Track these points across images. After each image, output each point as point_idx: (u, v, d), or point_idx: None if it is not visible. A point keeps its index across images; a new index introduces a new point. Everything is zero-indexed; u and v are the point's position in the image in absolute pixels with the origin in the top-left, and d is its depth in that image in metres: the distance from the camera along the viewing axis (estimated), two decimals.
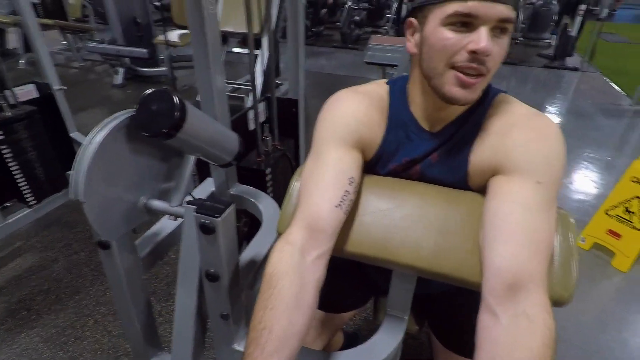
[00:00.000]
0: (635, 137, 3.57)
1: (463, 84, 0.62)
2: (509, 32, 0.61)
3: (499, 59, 0.61)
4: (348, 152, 0.73)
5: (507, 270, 0.58)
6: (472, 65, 0.60)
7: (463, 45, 0.59)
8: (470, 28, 0.59)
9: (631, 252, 1.91)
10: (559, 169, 0.64)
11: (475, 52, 0.58)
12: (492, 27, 0.58)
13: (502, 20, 0.58)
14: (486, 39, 0.57)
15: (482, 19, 0.58)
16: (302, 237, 0.66)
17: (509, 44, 0.63)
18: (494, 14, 0.57)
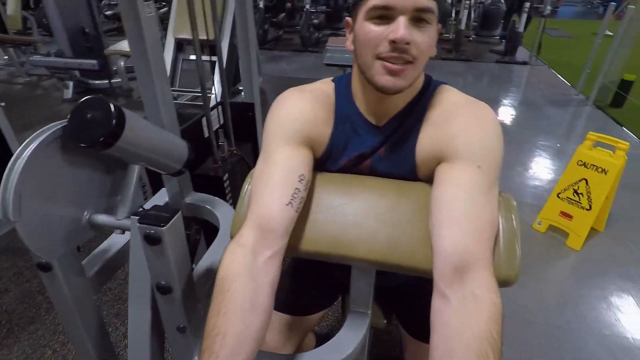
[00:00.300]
0: (581, 124, 3.78)
1: (390, 72, 0.63)
2: (432, 22, 0.63)
3: (424, 47, 0.63)
4: (297, 151, 0.72)
5: (454, 253, 0.59)
6: (394, 54, 0.62)
7: (385, 36, 0.61)
8: (390, 20, 0.61)
9: (582, 231, 2.01)
10: (497, 153, 0.66)
11: (394, 41, 0.60)
12: (410, 17, 0.60)
13: (419, 10, 0.60)
14: (403, 28, 0.59)
15: (398, 10, 0.60)
16: (254, 238, 0.65)
17: (435, 33, 0.65)
18: (409, 4, 0.59)
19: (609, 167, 1.89)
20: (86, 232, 0.81)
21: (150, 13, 0.89)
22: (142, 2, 0.85)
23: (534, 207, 2.31)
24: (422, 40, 0.62)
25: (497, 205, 0.66)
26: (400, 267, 0.70)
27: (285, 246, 0.69)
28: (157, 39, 0.93)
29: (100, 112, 0.69)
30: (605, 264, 1.95)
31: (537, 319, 1.66)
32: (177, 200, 1.11)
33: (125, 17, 0.87)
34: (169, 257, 0.69)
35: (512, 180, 2.74)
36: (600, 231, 2.16)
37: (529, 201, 2.47)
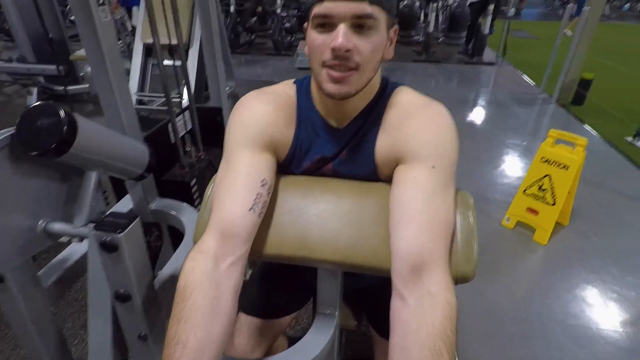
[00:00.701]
0: (545, 122, 3.92)
1: (334, 79, 0.64)
2: (376, 27, 0.62)
3: (367, 53, 0.63)
4: (259, 155, 0.72)
5: (410, 253, 0.60)
6: (336, 62, 0.62)
7: (328, 44, 0.62)
8: (331, 27, 0.61)
9: (548, 226, 2.09)
10: (451, 152, 0.67)
11: (334, 49, 0.61)
12: (351, 25, 0.61)
13: (358, 17, 0.60)
14: (342, 36, 0.60)
15: (337, 17, 0.60)
16: (215, 244, 0.64)
17: (383, 38, 0.65)
18: (347, 11, 0.59)
19: (570, 163, 1.97)
20: (42, 242, 0.78)
21: (106, 18, 0.87)
22: (96, 7, 0.83)
23: (503, 204, 2.38)
24: (365, 46, 0.62)
25: (453, 204, 0.67)
26: (363, 267, 0.70)
27: (248, 251, 0.68)
28: (114, 44, 0.91)
29: (51, 119, 0.67)
30: (571, 257, 2.03)
31: (506, 313, 1.70)
32: (141, 206, 1.09)
33: (80, 24, 0.85)
34: (127, 265, 0.68)
35: (482, 178, 2.81)
36: (565, 225, 2.24)
37: (498, 198, 2.54)
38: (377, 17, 0.61)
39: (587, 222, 2.29)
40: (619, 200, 2.52)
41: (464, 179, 2.77)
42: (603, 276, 1.89)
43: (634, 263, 1.97)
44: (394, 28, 0.70)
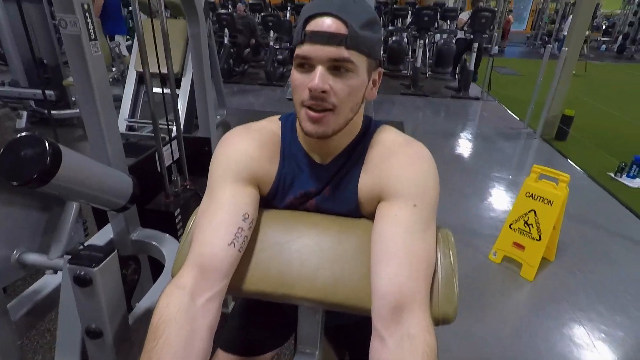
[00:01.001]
0: (530, 156, 4.01)
1: (311, 119, 0.66)
2: (354, 70, 0.64)
3: (343, 94, 0.64)
4: (242, 189, 0.72)
5: (390, 292, 0.59)
6: (313, 102, 0.64)
7: (306, 84, 0.64)
8: (311, 68, 0.63)
9: (534, 262, 2.09)
10: (432, 191, 0.68)
11: (310, 89, 0.62)
12: (328, 67, 0.63)
13: (335, 60, 0.62)
14: (318, 78, 0.61)
15: (315, 60, 0.62)
16: (193, 279, 0.63)
17: (361, 80, 0.66)
18: (324, 55, 0.61)
19: (554, 199, 2.00)
20: (15, 272, 0.76)
21: (97, 52, 0.88)
22: (87, 42, 0.85)
23: (489, 238, 2.39)
24: (341, 88, 0.64)
25: (434, 242, 0.67)
26: (344, 306, 0.69)
27: (226, 287, 0.67)
28: (103, 77, 0.92)
29: (35, 149, 0.67)
30: (558, 294, 2.02)
31: (494, 350, 1.67)
32: (122, 236, 1.06)
33: (71, 57, 0.86)
34: (101, 300, 0.65)
35: (468, 210, 2.83)
36: (551, 261, 2.25)
37: (484, 232, 2.55)
38: (354, 61, 0.63)
39: (573, 258, 2.30)
40: (603, 236, 2.55)
41: (451, 211, 2.79)
42: (590, 314, 1.89)
43: (621, 301, 1.97)
44: (377, 70, 0.72)
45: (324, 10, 0.61)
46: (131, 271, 0.76)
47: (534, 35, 14.61)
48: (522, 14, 16.22)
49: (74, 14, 0.85)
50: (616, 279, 2.14)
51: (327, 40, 0.61)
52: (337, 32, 0.61)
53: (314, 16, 0.62)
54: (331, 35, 0.61)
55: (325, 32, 0.61)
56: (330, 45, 0.61)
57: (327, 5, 0.62)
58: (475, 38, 5.96)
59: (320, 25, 0.61)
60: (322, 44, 0.61)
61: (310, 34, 0.62)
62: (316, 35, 0.61)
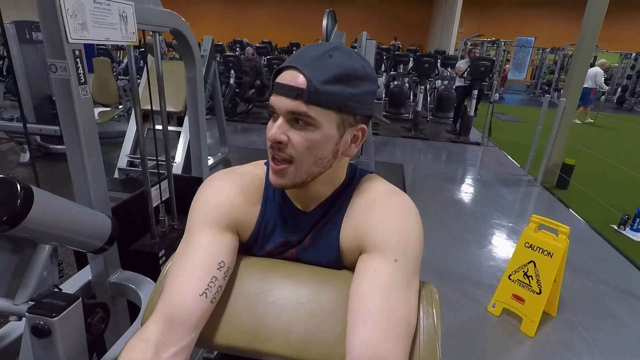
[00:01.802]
0: (531, 204, 3.98)
1: (272, 170, 0.66)
2: (316, 124, 0.62)
3: (301, 148, 0.63)
4: (219, 235, 0.69)
5: (364, 355, 0.55)
6: (272, 152, 0.65)
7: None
8: (277, 117, 0.64)
9: (535, 317, 2.00)
10: (415, 245, 0.65)
11: (268, 138, 0.63)
12: (288, 119, 0.62)
13: (292, 112, 0.61)
14: (275, 128, 0.62)
15: (277, 110, 0.63)
16: (159, 332, 0.59)
17: (325, 136, 0.63)
18: (283, 106, 0.62)
19: (554, 250, 1.95)
20: None
21: (86, 95, 0.90)
22: (76, 86, 0.86)
23: (489, 288, 2.31)
24: (299, 141, 0.62)
25: (416, 301, 0.64)
26: None
27: (194, 340, 0.63)
28: (91, 119, 0.92)
29: (6, 192, 0.65)
30: (561, 353, 1.91)
31: None
32: (100, 279, 1.03)
33: (59, 99, 0.87)
34: (59, 352, 0.61)
35: (466, 258, 2.76)
36: (553, 316, 2.15)
37: (483, 281, 2.47)
38: (312, 116, 0.61)
39: (575, 314, 2.20)
40: (608, 291, 2.46)
41: (449, 257, 2.73)
42: None
43: None
44: (358, 126, 0.67)
45: (290, 64, 0.62)
46: (97, 320, 0.72)
47: (533, 84, 15.00)
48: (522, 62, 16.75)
49: (65, 60, 0.87)
50: (621, 338, 2.04)
51: (286, 92, 0.61)
52: (295, 86, 0.60)
53: (283, 69, 0.63)
54: (290, 89, 0.61)
55: (285, 85, 0.61)
56: (288, 97, 0.61)
57: (297, 59, 0.62)
58: (474, 85, 6.11)
59: (283, 77, 0.62)
60: (283, 96, 0.61)
61: (275, 85, 0.63)
62: (278, 87, 0.62)
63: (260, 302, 0.69)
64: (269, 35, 13.14)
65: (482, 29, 14.57)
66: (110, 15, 0.97)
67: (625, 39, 14.33)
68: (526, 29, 15.69)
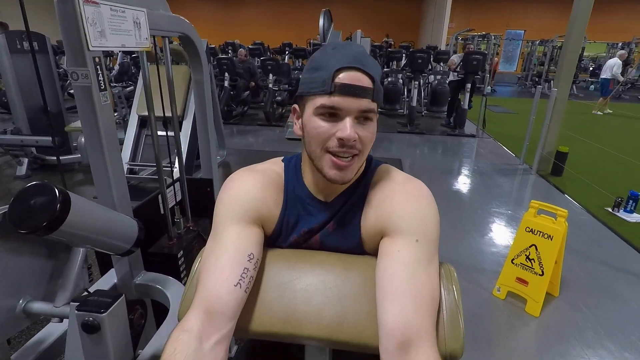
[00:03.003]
0: (528, 191, 4.05)
1: (338, 167, 0.69)
2: (373, 118, 0.70)
3: (367, 140, 0.70)
4: (246, 229, 0.73)
5: (397, 328, 0.60)
6: (341, 149, 0.68)
7: (332, 133, 0.68)
8: (337, 118, 0.68)
9: (539, 297, 2.06)
10: (433, 226, 0.70)
11: (342, 139, 0.66)
12: (355, 117, 0.68)
13: (363, 111, 0.67)
14: (349, 128, 0.66)
15: (345, 111, 0.67)
16: (200, 323, 0.63)
17: (376, 126, 0.72)
18: (355, 107, 0.66)
19: (554, 233, 2.01)
20: (20, 322, 0.76)
21: (106, 101, 0.93)
22: (97, 92, 0.89)
23: (492, 273, 2.37)
24: (366, 135, 0.69)
25: (437, 277, 0.68)
26: (350, 344, 0.69)
27: (233, 329, 0.67)
28: (111, 124, 0.96)
29: (45, 197, 0.69)
30: (565, 330, 1.98)
31: None
32: (126, 281, 1.06)
33: (81, 106, 0.91)
34: (108, 346, 0.65)
35: (469, 246, 2.82)
36: (556, 296, 2.22)
37: (487, 267, 2.53)
38: (375, 110, 0.69)
39: (577, 293, 2.27)
40: (606, 270, 2.54)
41: (452, 247, 2.79)
42: (599, 351, 1.84)
43: (629, 338, 1.93)
44: (377, 116, 0.77)
45: (353, 65, 0.66)
46: (138, 316, 0.76)
47: (524, 76, 15.14)
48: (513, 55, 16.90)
49: (86, 67, 0.91)
50: (623, 314, 2.11)
51: (358, 93, 0.66)
52: (366, 86, 0.66)
53: (342, 69, 0.67)
54: (362, 89, 0.66)
55: (356, 86, 0.66)
56: (360, 97, 0.66)
57: (353, 60, 0.67)
58: (467, 79, 6.19)
59: (348, 78, 0.66)
60: (354, 97, 0.66)
61: (341, 86, 0.66)
62: (347, 88, 0.66)
63: (290, 289, 0.73)
64: (261, 36, 13.16)
65: (472, 23, 14.69)
66: (125, 22, 1.01)
67: (611, 30, 14.53)
68: (515, 22, 15.85)
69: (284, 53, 10.34)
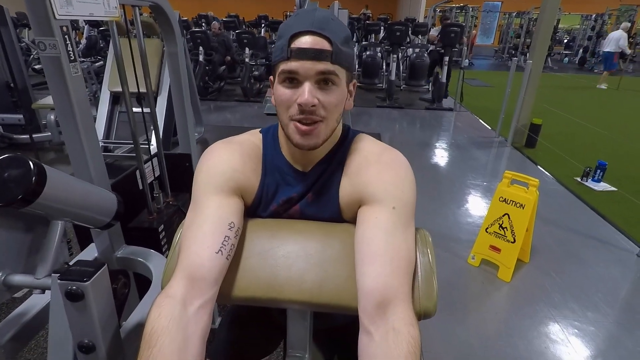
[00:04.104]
0: (503, 163, 4.17)
1: (302, 132, 0.70)
2: (337, 82, 0.69)
3: (330, 106, 0.70)
4: (226, 199, 0.74)
5: (375, 289, 0.63)
6: (302, 116, 0.69)
7: (294, 99, 0.68)
8: (297, 84, 0.68)
9: (510, 263, 2.17)
10: (409, 194, 0.73)
11: (301, 104, 0.67)
12: (315, 81, 0.68)
13: (322, 74, 0.67)
14: (307, 93, 0.66)
15: (302, 75, 0.67)
16: (183, 288, 0.65)
17: (343, 91, 0.72)
18: (312, 71, 0.66)
19: (525, 202, 2.10)
20: (1, 295, 0.75)
21: (77, 73, 0.90)
22: (67, 64, 0.87)
23: (468, 243, 2.46)
24: (329, 100, 0.69)
25: (413, 242, 0.72)
26: (330, 306, 0.72)
27: (216, 294, 0.69)
28: (83, 96, 0.94)
29: (19, 170, 0.68)
30: (533, 294, 2.10)
31: (476, 351, 1.72)
32: (107, 254, 1.07)
33: (50, 78, 0.88)
34: (93, 314, 0.66)
35: (446, 217, 2.91)
36: (526, 262, 2.34)
37: (462, 237, 2.63)
38: (336, 73, 0.68)
39: (546, 259, 2.40)
40: (574, 237, 2.68)
41: (430, 218, 2.87)
42: (564, 312, 1.97)
43: (592, 299, 2.07)
44: (352, 82, 0.77)
45: (309, 29, 0.66)
46: (121, 285, 0.77)
47: (501, 49, 15.25)
48: (490, 27, 16.94)
49: (54, 37, 0.87)
50: (587, 278, 2.25)
51: (314, 56, 0.66)
52: (322, 49, 0.66)
53: (299, 34, 0.67)
54: (317, 52, 0.66)
55: (312, 49, 0.66)
56: (316, 60, 0.66)
57: (310, 23, 0.67)
58: (445, 52, 6.20)
59: (304, 42, 0.66)
60: (310, 60, 0.66)
61: (297, 50, 0.66)
62: (303, 52, 0.66)
63: (272, 257, 0.76)
64: (235, 9, 12.71)
65: None
66: None
67: (585, 1, 14.68)
68: None
69: (260, 26, 10.06)
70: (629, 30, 9.43)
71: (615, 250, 2.53)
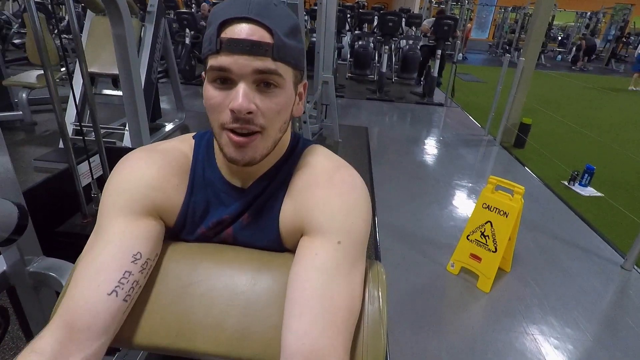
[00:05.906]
0: (490, 164, 4.06)
1: (236, 144, 0.55)
2: (282, 85, 0.55)
3: (271, 113, 0.55)
4: (134, 223, 0.59)
5: (298, 352, 0.49)
6: (236, 125, 0.54)
7: (226, 104, 0.53)
8: (231, 85, 0.53)
9: (490, 274, 2.06)
10: (360, 225, 0.58)
11: (233, 110, 0.52)
12: (253, 81, 0.53)
13: (261, 73, 0.52)
14: (241, 97, 0.52)
15: (236, 74, 0.52)
16: (55, 341, 0.50)
17: (289, 95, 0.57)
18: (247, 67, 0.52)
19: (509, 210, 1.98)
20: None
21: None
22: None
23: (448, 248, 2.34)
24: (269, 106, 0.55)
25: (360, 286, 0.58)
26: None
27: (104, 347, 0.54)
28: None
29: None
30: (512, 306, 1.99)
31: None
32: (17, 268, 0.91)
33: None
34: None
35: (428, 219, 2.79)
36: (507, 272, 2.23)
37: (443, 241, 2.51)
38: (282, 74, 0.54)
39: (527, 269, 2.29)
40: (557, 245, 2.57)
41: (411, 219, 2.75)
42: (542, 327, 1.86)
43: (571, 313, 1.97)
44: (302, 83, 0.63)
45: (243, 15, 0.51)
46: None
47: (495, 44, 15.10)
48: (485, 21, 16.78)
49: None
50: (568, 289, 2.15)
51: (250, 50, 0.51)
52: (260, 41, 0.51)
53: (231, 21, 0.52)
54: (254, 44, 0.51)
55: (247, 40, 0.51)
56: (252, 55, 0.51)
57: (245, 9, 0.52)
58: (438, 45, 6.04)
59: (237, 32, 0.51)
60: (244, 54, 0.51)
61: (227, 42, 0.51)
62: (235, 44, 0.51)
63: (188, 295, 0.61)
64: None
65: None
66: None
67: None
68: None
69: None
70: (623, 29, 9.35)
71: (598, 261, 2.43)
